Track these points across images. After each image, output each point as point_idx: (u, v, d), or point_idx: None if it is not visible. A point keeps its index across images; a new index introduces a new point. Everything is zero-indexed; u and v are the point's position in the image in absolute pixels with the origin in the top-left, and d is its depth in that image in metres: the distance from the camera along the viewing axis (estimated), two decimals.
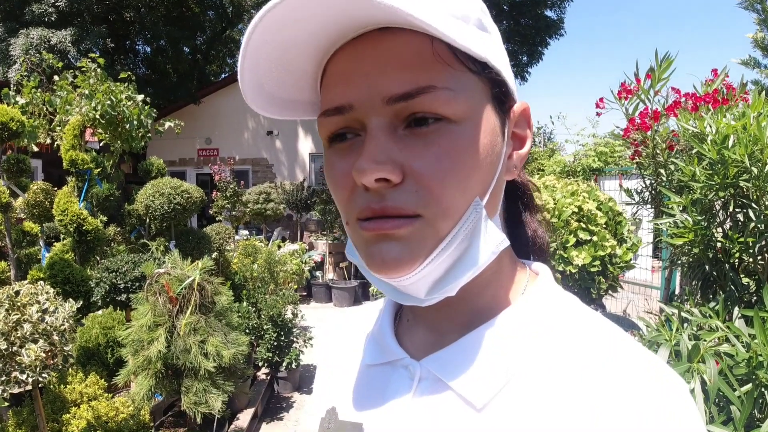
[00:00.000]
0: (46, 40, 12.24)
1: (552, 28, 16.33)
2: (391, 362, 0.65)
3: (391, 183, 0.51)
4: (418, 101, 0.51)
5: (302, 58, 0.56)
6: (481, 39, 0.55)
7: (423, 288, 0.56)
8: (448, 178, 0.52)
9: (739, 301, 2.14)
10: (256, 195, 10.86)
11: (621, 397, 0.50)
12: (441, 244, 0.53)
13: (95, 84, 6.29)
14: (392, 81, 0.51)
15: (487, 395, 0.55)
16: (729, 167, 1.98)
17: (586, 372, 0.53)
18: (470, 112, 0.53)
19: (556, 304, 0.61)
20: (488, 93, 0.56)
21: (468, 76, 0.53)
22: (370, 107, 0.52)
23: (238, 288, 6.17)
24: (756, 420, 1.62)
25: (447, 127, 0.52)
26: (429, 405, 0.58)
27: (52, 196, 5.86)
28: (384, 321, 0.70)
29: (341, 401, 0.68)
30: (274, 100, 0.60)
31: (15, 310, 2.71)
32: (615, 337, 0.57)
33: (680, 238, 2.13)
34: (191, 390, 3.57)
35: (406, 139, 0.52)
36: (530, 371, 0.55)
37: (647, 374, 0.52)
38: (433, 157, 0.51)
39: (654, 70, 2.62)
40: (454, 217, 0.53)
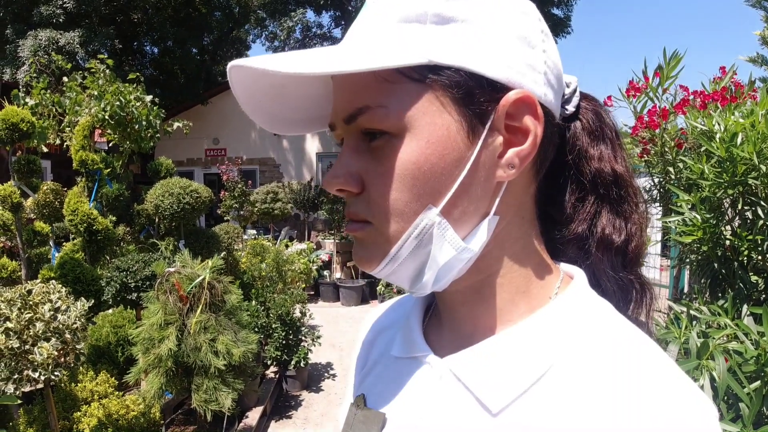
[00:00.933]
0: (54, 41, 12.32)
1: (559, 26, 16.30)
2: (416, 357, 0.65)
3: (352, 192, 0.58)
4: (361, 120, 0.55)
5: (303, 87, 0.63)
6: (432, 38, 0.53)
7: (403, 282, 0.61)
8: (389, 192, 0.55)
9: (748, 299, 2.14)
10: (263, 195, 10.90)
11: (637, 419, 0.48)
12: (392, 249, 0.57)
13: (104, 85, 6.34)
14: (344, 105, 0.57)
15: (504, 401, 0.54)
16: (737, 165, 1.98)
17: (606, 387, 0.51)
18: (408, 124, 0.53)
19: (588, 313, 0.58)
20: (441, 97, 0.53)
21: (408, 87, 0.53)
22: (340, 127, 0.59)
23: (247, 287, 6.19)
24: (765, 417, 1.62)
25: (390, 142, 0.55)
26: (447, 404, 0.59)
27: (62, 196, 5.90)
28: (413, 315, 0.71)
29: (370, 389, 0.71)
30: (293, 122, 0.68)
31: (27, 308, 2.74)
32: (644, 352, 0.54)
33: (689, 236, 2.13)
34: (201, 388, 3.59)
35: (366, 153, 0.57)
36: (552, 381, 0.54)
37: (670, 395, 0.49)
38: (378, 173, 0.56)
39: (662, 68, 2.62)
40: (401, 225, 0.56)
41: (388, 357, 0.72)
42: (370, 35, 0.55)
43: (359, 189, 0.57)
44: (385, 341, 0.76)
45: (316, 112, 0.67)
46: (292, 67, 0.51)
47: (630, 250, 0.64)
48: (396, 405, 0.64)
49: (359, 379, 0.76)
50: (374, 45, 0.55)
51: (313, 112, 0.67)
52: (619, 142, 0.66)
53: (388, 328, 0.78)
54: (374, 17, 0.56)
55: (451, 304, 0.64)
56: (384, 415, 0.64)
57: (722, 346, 1.66)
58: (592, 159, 0.64)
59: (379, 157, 0.55)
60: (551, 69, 0.59)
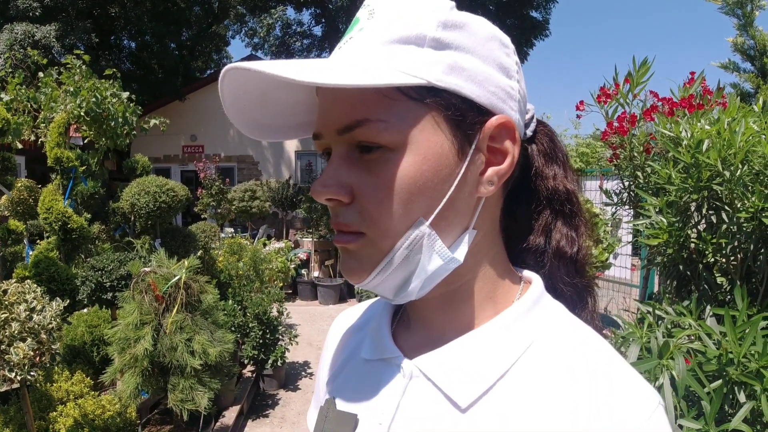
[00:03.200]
0: (30, 35, 12.13)
1: (537, 29, 16.44)
2: (385, 359, 0.69)
3: (342, 202, 0.59)
4: (357, 132, 0.57)
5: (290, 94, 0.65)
6: (432, 62, 0.57)
7: (388, 292, 0.63)
8: (385, 204, 0.57)
9: (714, 300, 2.22)
10: (241, 193, 10.86)
11: (592, 407, 0.54)
12: (384, 260, 0.60)
13: (80, 81, 6.26)
14: (339, 116, 0.58)
15: (472, 396, 0.59)
16: (703, 171, 2.04)
17: (564, 381, 0.57)
18: (406, 140, 0.57)
19: (545, 314, 0.64)
20: (435, 117, 0.57)
21: (407, 105, 0.57)
22: (330, 137, 0.60)
23: (224, 286, 6.18)
24: (727, 415, 1.68)
25: (386, 156, 0.57)
26: (417, 402, 0.63)
27: (37, 193, 5.83)
28: (383, 319, 0.74)
29: (340, 392, 0.73)
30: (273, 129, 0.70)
31: (3, 308, 2.72)
32: (596, 348, 0.60)
33: (656, 239, 2.20)
34: (178, 387, 3.59)
35: (358, 164, 0.59)
36: (515, 377, 0.59)
37: (620, 386, 0.56)
38: (373, 185, 0.58)
39: (632, 75, 2.69)
40: (394, 236, 0.59)
41: (357, 359, 0.75)
42: (367, 52, 0.58)
43: (349, 199, 0.59)
44: (353, 344, 0.79)
45: (296, 119, 0.69)
46: (302, 75, 0.52)
47: (580, 258, 0.71)
48: (367, 406, 0.67)
49: (327, 382, 0.78)
50: (373, 62, 0.57)
51: (293, 119, 0.69)
52: (569, 164, 0.73)
53: (356, 331, 0.81)
54: (369, 35, 0.58)
55: (422, 310, 0.68)
56: (356, 416, 0.67)
57: (685, 346, 1.72)
58: (547, 178, 0.70)
59: (373, 170, 0.58)
60: (522, 97, 0.66)
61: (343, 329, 0.85)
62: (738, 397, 1.61)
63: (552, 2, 16.41)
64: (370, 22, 0.59)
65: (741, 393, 1.61)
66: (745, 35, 6.48)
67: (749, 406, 1.54)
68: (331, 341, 0.85)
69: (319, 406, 0.74)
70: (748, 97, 6.55)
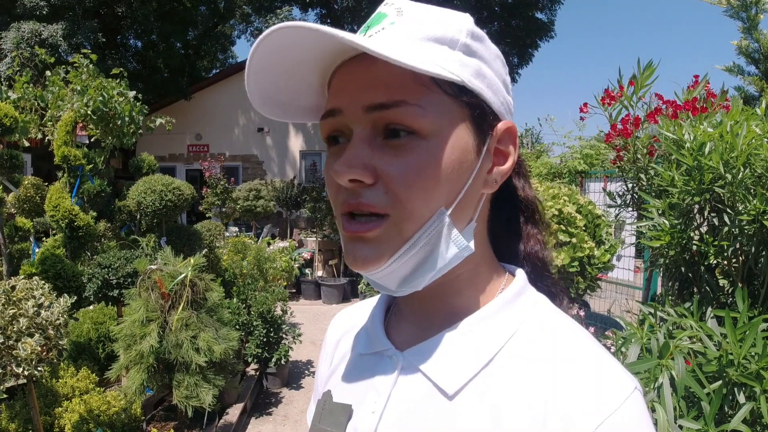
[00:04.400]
0: (37, 33, 12.18)
1: (542, 30, 16.40)
2: (378, 352, 0.73)
3: (365, 183, 0.60)
4: (391, 112, 0.59)
5: (311, 72, 0.65)
6: (463, 64, 0.61)
7: (393, 282, 0.65)
8: (413, 187, 0.59)
9: (715, 302, 2.23)
10: (246, 192, 10.87)
11: (571, 393, 0.57)
12: (404, 246, 0.61)
13: (87, 80, 6.30)
14: (373, 93, 0.59)
15: (458, 384, 0.63)
16: (705, 174, 2.06)
17: (545, 368, 0.60)
18: (438, 130, 0.60)
19: (528, 305, 0.68)
20: (464, 114, 0.62)
21: (442, 98, 0.60)
22: (354, 114, 0.60)
23: (228, 284, 6.20)
24: (727, 415, 1.70)
25: (416, 142, 0.60)
26: (408, 391, 0.66)
27: (43, 191, 5.88)
28: (375, 315, 0.78)
29: (336, 386, 0.77)
30: (282, 106, 0.70)
31: (11, 304, 2.75)
32: (575, 337, 0.63)
33: (658, 241, 2.21)
34: (182, 384, 3.62)
35: (383, 148, 0.60)
36: (499, 364, 0.62)
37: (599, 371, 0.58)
38: (402, 166, 0.59)
39: (637, 78, 2.70)
40: (418, 222, 0.61)
41: (353, 355, 0.79)
42: (405, 42, 0.60)
43: (373, 180, 0.59)
44: (349, 341, 0.82)
45: (307, 101, 0.71)
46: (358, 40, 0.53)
47: (547, 257, 0.79)
48: (361, 397, 0.71)
49: (325, 378, 0.82)
50: (414, 51, 0.60)
51: (304, 100, 0.71)
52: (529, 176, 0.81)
53: (352, 328, 0.85)
54: (403, 29, 0.61)
55: (413, 303, 0.72)
56: (350, 407, 0.71)
57: (686, 347, 1.74)
58: (517, 188, 0.78)
59: (401, 154, 0.59)
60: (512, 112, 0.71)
61: (340, 328, 0.89)
62: (738, 398, 1.63)
63: (557, 4, 16.38)
64: (400, 18, 0.62)
65: (741, 394, 1.63)
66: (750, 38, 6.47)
67: (749, 407, 1.56)
68: (329, 340, 0.89)
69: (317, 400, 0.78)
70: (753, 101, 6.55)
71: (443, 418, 0.62)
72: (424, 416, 0.63)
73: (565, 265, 3.83)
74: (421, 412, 0.64)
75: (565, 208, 3.99)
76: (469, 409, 0.61)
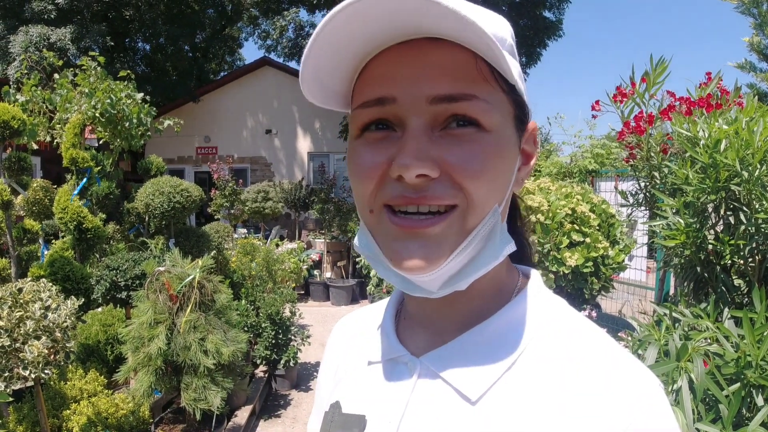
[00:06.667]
0: (45, 37, 12.25)
1: (551, 30, 16.33)
2: (392, 359, 0.69)
3: (430, 178, 0.56)
4: (460, 105, 0.56)
5: (355, 54, 0.59)
6: (513, 64, 0.59)
7: (438, 283, 0.60)
8: (478, 178, 0.56)
9: (731, 303, 2.19)
10: (254, 193, 10.88)
11: (597, 393, 0.55)
12: (464, 241, 0.58)
13: (95, 82, 6.32)
14: (437, 83, 0.55)
15: (481, 389, 0.60)
16: (720, 171, 2.02)
17: (569, 369, 0.58)
18: (499, 125, 0.59)
19: (546, 306, 0.66)
20: (512, 112, 0.61)
21: (500, 95, 0.59)
22: (413, 104, 0.56)
23: (237, 286, 6.20)
24: (745, 418, 1.66)
25: (479, 134, 0.57)
26: (428, 398, 0.63)
27: (52, 193, 5.88)
28: (386, 320, 0.74)
29: (345, 396, 0.73)
30: (324, 89, 0.64)
31: (18, 307, 2.74)
32: (596, 337, 0.62)
33: (672, 240, 2.17)
34: (191, 387, 3.60)
35: (442, 139, 0.57)
36: (521, 367, 0.60)
37: (622, 371, 0.57)
38: (466, 157, 0.56)
39: (649, 75, 2.66)
40: (480, 214, 0.58)
41: (362, 363, 0.75)
42: None
43: (438, 174, 0.56)
44: (356, 349, 0.79)
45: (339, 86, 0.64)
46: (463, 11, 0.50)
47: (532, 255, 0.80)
48: (375, 406, 0.67)
49: (331, 387, 0.78)
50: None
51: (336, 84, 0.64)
52: None
53: (358, 336, 0.81)
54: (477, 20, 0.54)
55: (431, 305, 0.67)
56: (364, 417, 0.67)
57: (703, 349, 1.70)
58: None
59: (465, 145, 0.56)
60: None
61: (344, 336, 0.85)
62: (756, 400, 1.59)
63: (565, 2, 16.32)
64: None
65: (759, 396, 1.59)
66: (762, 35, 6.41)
67: (767, 409, 1.52)
68: (333, 348, 0.85)
69: (323, 412, 0.73)
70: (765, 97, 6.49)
71: (468, 424, 0.59)
72: (447, 423, 0.60)
73: (579, 266, 3.79)
74: (443, 420, 0.61)
75: (579, 208, 3.95)
76: (494, 414, 0.58)
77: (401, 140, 0.57)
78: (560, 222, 3.90)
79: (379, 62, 0.59)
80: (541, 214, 3.93)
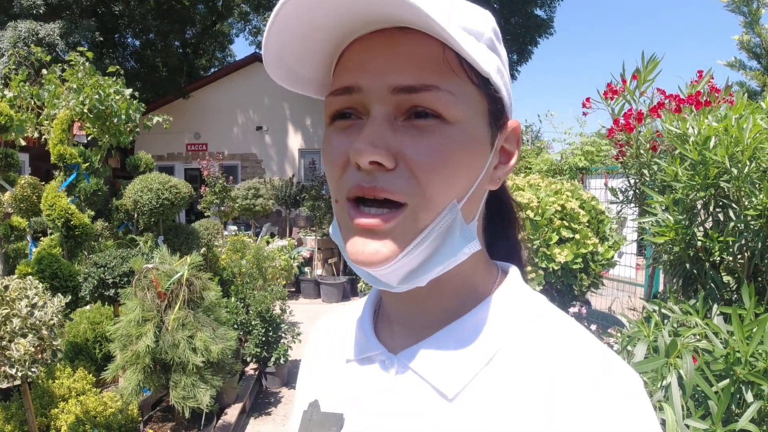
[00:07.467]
0: (34, 32, 12.15)
1: (542, 27, 16.38)
2: (369, 356, 0.69)
3: (384, 167, 0.54)
4: (421, 96, 0.55)
5: (324, 41, 0.59)
6: (488, 57, 0.59)
7: (396, 278, 0.59)
8: (436, 172, 0.55)
9: (720, 299, 2.19)
10: (244, 190, 10.84)
11: (574, 389, 0.55)
12: (418, 238, 0.56)
13: (83, 78, 6.27)
14: (400, 74, 0.55)
15: (458, 386, 0.59)
16: (710, 168, 2.02)
17: (546, 365, 0.58)
18: (464, 118, 0.57)
19: (523, 303, 0.66)
20: (484, 106, 0.60)
21: (469, 87, 0.58)
22: (376, 93, 0.55)
23: (227, 283, 6.17)
24: (734, 415, 1.66)
25: (441, 126, 0.55)
26: (405, 395, 0.62)
27: (40, 190, 5.84)
28: (364, 319, 0.74)
29: (324, 395, 0.72)
30: (290, 73, 0.63)
31: (4, 304, 2.71)
32: (574, 333, 0.61)
33: (662, 237, 2.17)
34: (179, 385, 3.58)
35: (403, 129, 0.56)
36: (498, 363, 0.60)
37: (600, 367, 0.57)
38: (425, 150, 0.55)
39: (640, 72, 2.66)
40: (433, 212, 0.57)
41: (339, 362, 0.74)
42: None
43: (394, 165, 0.55)
44: (333, 348, 0.78)
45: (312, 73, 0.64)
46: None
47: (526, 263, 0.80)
48: (354, 404, 0.67)
49: (309, 388, 0.78)
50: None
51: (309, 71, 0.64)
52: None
53: (337, 334, 0.80)
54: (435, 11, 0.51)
55: (406, 302, 0.67)
56: (341, 416, 0.66)
57: (692, 345, 1.70)
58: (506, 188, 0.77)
59: (426, 137, 0.55)
60: None
61: (322, 336, 0.84)
62: (745, 396, 1.59)
63: (556, 0, 16.37)
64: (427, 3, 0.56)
65: (748, 392, 1.59)
66: (751, 33, 6.45)
67: (756, 405, 1.52)
68: (311, 349, 0.84)
69: (302, 411, 0.72)
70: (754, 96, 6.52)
71: (445, 421, 0.58)
72: (425, 420, 0.60)
73: (568, 262, 3.79)
74: (421, 417, 0.60)
75: (568, 204, 3.96)
76: (472, 411, 0.58)
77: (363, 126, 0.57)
78: (550, 218, 3.90)
79: (351, 51, 0.59)
80: (531, 211, 3.93)
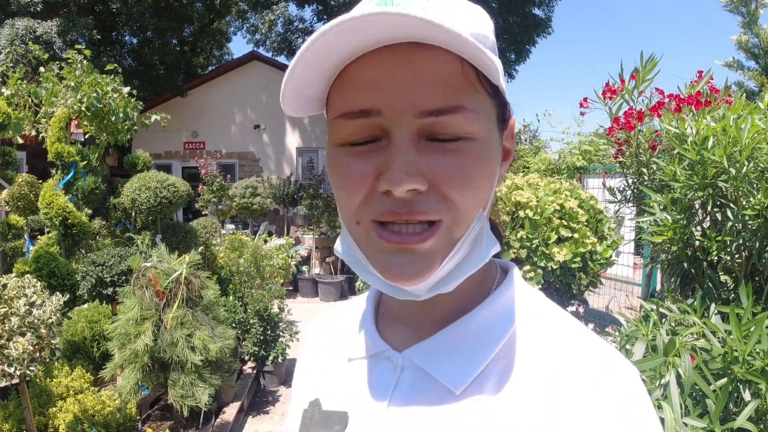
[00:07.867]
0: (31, 30, 12.12)
1: (540, 27, 16.37)
2: (374, 355, 0.69)
3: (419, 191, 0.53)
4: (447, 119, 0.53)
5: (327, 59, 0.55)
6: (497, 63, 0.56)
7: (426, 288, 0.59)
8: (465, 188, 0.55)
9: (717, 298, 2.20)
10: (242, 189, 10.83)
11: (576, 383, 0.56)
12: (452, 250, 0.57)
13: (81, 76, 6.25)
14: (426, 96, 0.53)
15: (465, 381, 0.60)
16: (708, 168, 2.03)
17: (549, 360, 0.59)
18: (486, 132, 0.57)
19: (525, 300, 0.67)
20: (495, 113, 0.60)
21: (485, 99, 0.57)
22: (400, 117, 0.53)
23: (225, 282, 6.17)
24: (732, 413, 1.67)
25: (466, 143, 0.55)
26: (411, 393, 0.63)
27: (37, 188, 5.82)
28: (366, 317, 0.73)
29: (324, 393, 0.71)
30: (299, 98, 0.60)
31: (2, 303, 2.71)
32: (575, 329, 0.63)
33: (660, 236, 2.18)
34: (178, 383, 3.58)
35: (428, 149, 0.54)
36: (503, 360, 0.61)
37: (600, 361, 0.58)
38: (453, 168, 0.54)
39: (638, 71, 2.66)
40: (466, 223, 0.57)
41: (340, 360, 0.74)
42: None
43: (427, 187, 0.54)
44: (335, 346, 0.77)
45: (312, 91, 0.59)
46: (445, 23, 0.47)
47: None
48: (357, 402, 0.66)
49: (307, 387, 0.77)
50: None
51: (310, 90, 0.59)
52: None
53: (336, 333, 0.80)
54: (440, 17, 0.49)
55: (412, 303, 0.66)
56: (346, 414, 0.66)
57: (690, 344, 1.70)
58: None
59: (452, 155, 0.54)
60: None
61: (321, 334, 0.83)
62: (743, 395, 1.60)
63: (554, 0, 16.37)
64: (430, 4, 0.56)
65: (746, 391, 1.60)
66: (750, 33, 6.46)
67: (754, 404, 1.53)
68: (310, 347, 0.84)
69: (300, 410, 0.71)
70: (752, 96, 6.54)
71: (452, 417, 0.59)
72: (432, 416, 0.60)
73: (567, 261, 3.80)
74: (428, 413, 0.61)
75: (567, 203, 3.97)
76: (478, 406, 0.59)
77: (387, 151, 0.54)
78: (549, 217, 3.92)
79: (361, 66, 0.55)
80: (530, 210, 3.94)
